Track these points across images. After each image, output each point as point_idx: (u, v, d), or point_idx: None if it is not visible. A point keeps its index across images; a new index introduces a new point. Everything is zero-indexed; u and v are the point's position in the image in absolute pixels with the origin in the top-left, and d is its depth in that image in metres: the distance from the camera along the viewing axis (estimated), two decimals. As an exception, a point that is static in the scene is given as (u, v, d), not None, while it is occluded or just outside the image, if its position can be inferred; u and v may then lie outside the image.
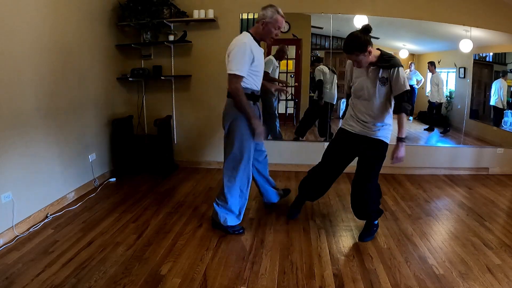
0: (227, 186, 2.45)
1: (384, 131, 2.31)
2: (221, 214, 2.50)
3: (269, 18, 2.27)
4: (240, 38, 2.29)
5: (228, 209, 2.49)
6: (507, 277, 2.02)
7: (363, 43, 2.06)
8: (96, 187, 3.49)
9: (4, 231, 2.40)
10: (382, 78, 2.18)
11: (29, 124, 2.62)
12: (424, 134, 4.49)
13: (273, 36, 2.34)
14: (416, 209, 3.04)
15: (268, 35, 2.33)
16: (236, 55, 2.21)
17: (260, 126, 2.34)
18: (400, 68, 2.13)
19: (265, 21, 2.28)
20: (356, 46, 2.07)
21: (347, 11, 3.81)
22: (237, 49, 2.22)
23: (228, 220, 2.50)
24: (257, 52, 2.33)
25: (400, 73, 2.13)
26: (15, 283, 1.93)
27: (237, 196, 2.48)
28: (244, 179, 2.47)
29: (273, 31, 2.32)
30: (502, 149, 4.11)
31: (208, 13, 3.76)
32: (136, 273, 2.04)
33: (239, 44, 2.24)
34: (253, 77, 2.35)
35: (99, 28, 3.53)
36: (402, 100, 2.15)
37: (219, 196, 2.51)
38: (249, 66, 2.26)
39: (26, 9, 2.56)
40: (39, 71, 2.71)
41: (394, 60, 2.14)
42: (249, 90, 2.36)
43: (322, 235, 2.54)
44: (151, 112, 4.18)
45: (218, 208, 2.51)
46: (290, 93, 4.38)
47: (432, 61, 4.24)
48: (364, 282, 1.98)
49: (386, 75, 2.17)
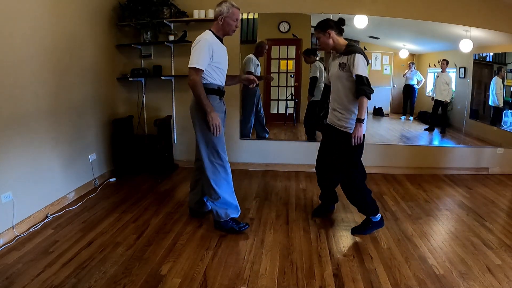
0: (213, 179, 2.47)
1: (351, 122, 2.36)
2: (221, 209, 2.50)
3: (226, 12, 2.37)
4: (202, 35, 2.36)
5: (224, 202, 2.50)
6: (507, 277, 2.02)
7: (324, 24, 2.37)
8: (96, 187, 3.49)
9: (4, 231, 2.40)
10: (342, 63, 2.34)
11: (29, 124, 2.62)
12: (424, 134, 4.50)
13: (233, 28, 2.45)
14: (416, 209, 3.04)
15: (229, 28, 2.43)
16: (196, 50, 2.31)
17: (216, 119, 2.35)
18: (357, 55, 2.24)
19: (222, 16, 2.38)
20: (319, 25, 2.39)
21: (347, 11, 3.81)
22: (198, 45, 2.32)
23: (230, 212, 2.52)
24: (218, 48, 2.41)
25: (356, 59, 2.23)
26: (15, 283, 1.93)
27: (225, 186, 2.51)
28: (227, 168, 2.52)
29: (232, 24, 2.42)
30: (502, 149, 4.11)
31: (208, 13, 3.76)
32: (136, 273, 2.04)
33: (199, 40, 2.33)
34: (217, 72, 2.43)
35: (99, 28, 3.53)
36: (360, 83, 2.23)
37: (209, 194, 2.52)
38: (209, 61, 2.34)
39: (27, 9, 2.56)
40: (39, 71, 2.71)
41: (354, 48, 2.30)
42: (215, 85, 2.44)
43: (322, 235, 2.54)
44: (151, 112, 4.18)
45: (214, 205, 2.51)
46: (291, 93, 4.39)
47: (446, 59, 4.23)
48: (364, 282, 1.98)
49: (344, 60, 2.32)
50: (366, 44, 4.34)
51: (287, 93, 4.41)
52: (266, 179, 3.82)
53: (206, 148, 2.46)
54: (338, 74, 2.36)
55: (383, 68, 4.45)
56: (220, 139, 2.48)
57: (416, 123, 4.59)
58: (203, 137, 2.45)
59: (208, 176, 2.47)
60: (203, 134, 2.45)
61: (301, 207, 3.06)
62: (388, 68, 4.45)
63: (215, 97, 2.44)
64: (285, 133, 4.39)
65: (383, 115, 4.66)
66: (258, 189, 3.49)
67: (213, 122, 2.35)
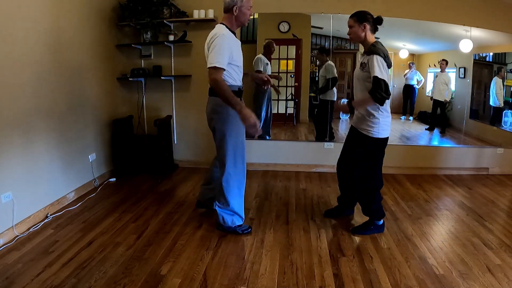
0: (226, 188, 2.43)
1: (372, 125, 2.31)
2: (227, 216, 2.49)
3: (240, 2, 2.22)
4: (217, 31, 2.22)
5: (232, 211, 2.49)
6: (507, 277, 2.02)
7: (363, 15, 2.31)
8: (96, 187, 3.49)
9: (4, 231, 2.40)
10: (363, 63, 2.29)
11: (29, 124, 2.62)
12: (425, 134, 4.50)
13: (248, 17, 2.31)
14: (416, 209, 3.04)
15: (245, 18, 2.28)
16: (214, 47, 2.16)
17: (251, 115, 2.15)
18: (376, 56, 2.17)
19: (237, 6, 2.22)
20: (357, 14, 2.33)
21: (347, 11, 3.77)
22: (216, 42, 2.16)
23: (235, 221, 2.51)
24: (236, 44, 2.30)
25: (375, 60, 2.16)
26: (15, 283, 1.93)
27: (237, 196, 2.48)
28: (241, 178, 2.47)
29: (247, 12, 2.28)
30: (502, 149, 4.11)
31: (208, 13, 3.76)
32: (136, 273, 2.04)
33: (216, 36, 2.18)
34: (236, 71, 2.31)
35: (99, 28, 3.53)
36: (377, 86, 2.14)
37: (219, 199, 2.49)
38: (229, 59, 2.21)
39: (26, 9, 2.56)
40: (39, 71, 2.71)
41: (374, 48, 2.23)
42: (236, 87, 2.32)
43: (322, 235, 2.54)
44: (151, 112, 4.18)
45: (221, 210, 2.49)
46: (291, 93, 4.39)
47: (445, 59, 4.23)
48: (364, 282, 1.98)
49: (365, 60, 2.26)
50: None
51: (287, 93, 4.41)
52: (266, 179, 3.82)
53: (226, 154, 2.35)
54: (359, 74, 2.31)
55: (383, 68, 4.44)
56: (243, 146, 2.39)
57: (416, 123, 4.59)
58: (230, 145, 2.33)
59: (222, 182, 2.42)
60: (226, 139, 2.32)
61: (301, 207, 3.05)
62: (388, 68, 4.45)
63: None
64: (285, 133, 4.39)
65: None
66: (258, 189, 3.49)
67: (249, 120, 2.14)
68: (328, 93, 4.11)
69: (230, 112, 2.25)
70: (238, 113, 2.17)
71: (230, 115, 2.27)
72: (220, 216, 2.50)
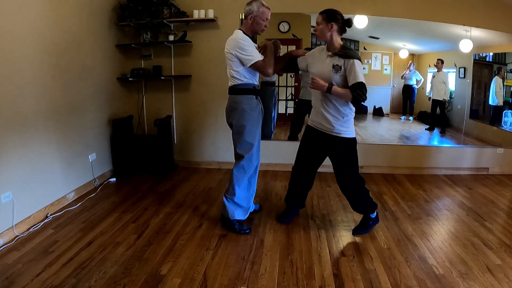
0: (236, 177, 2.50)
1: (343, 124, 2.31)
2: (230, 208, 2.53)
3: (256, 12, 2.36)
4: (235, 36, 2.37)
5: (236, 203, 2.53)
6: (507, 277, 2.02)
7: (332, 14, 2.22)
8: (96, 187, 3.49)
9: (4, 231, 2.40)
10: (336, 65, 2.22)
11: (29, 124, 2.62)
12: (425, 134, 4.49)
13: (263, 28, 2.42)
14: (416, 209, 3.04)
15: (259, 28, 2.41)
16: (246, 47, 2.32)
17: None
18: (356, 61, 2.16)
19: (252, 15, 2.37)
20: (327, 12, 2.23)
21: (347, 11, 3.79)
22: (243, 42, 2.32)
23: (236, 214, 2.54)
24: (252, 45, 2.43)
25: (356, 65, 2.15)
26: (15, 283, 1.93)
27: (245, 188, 2.54)
28: (253, 173, 2.56)
29: (262, 23, 2.40)
30: (502, 149, 4.11)
31: (208, 13, 3.76)
32: (136, 273, 2.04)
33: (238, 40, 2.33)
34: (253, 71, 2.45)
35: (99, 28, 3.53)
36: (359, 88, 2.14)
37: (227, 190, 2.55)
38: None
39: (27, 9, 2.56)
40: (39, 71, 2.71)
41: (351, 52, 2.20)
42: (251, 85, 2.45)
43: (322, 235, 2.54)
44: (151, 112, 4.18)
45: (227, 202, 2.54)
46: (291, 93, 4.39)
47: (441, 58, 4.23)
48: (364, 282, 1.98)
49: (340, 63, 2.21)
50: (366, 44, 4.33)
51: (287, 93, 4.41)
52: (266, 179, 3.82)
53: (242, 148, 2.48)
54: (330, 75, 2.24)
55: (383, 68, 4.44)
56: (259, 144, 2.54)
57: (416, 123, 4.58)
58: (246, 137, 2.46)
59: (234, 171, 2.51)
60: (243, 134, 2.45)
61: (301, 207, 3.05)
62: (388, 68, 4.45)
63: (252, 97, 2.45)
64: (285, 133, 4.38)
65: (383, 115, 4.66)
66: (258, 189, 3.48)
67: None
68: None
69: (245, 107, 2.43)
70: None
71: (246, 111, 2.43)
72: (225, 206, 2.54)
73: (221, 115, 4.12)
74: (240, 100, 2.44)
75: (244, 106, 2.42)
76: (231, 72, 2.42)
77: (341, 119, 2.30)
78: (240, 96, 2.44)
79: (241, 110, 2.43)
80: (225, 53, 2.41)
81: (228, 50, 2.37)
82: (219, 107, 4.09)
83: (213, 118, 4.13)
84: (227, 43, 2.40)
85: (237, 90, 2.44)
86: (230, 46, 2.36)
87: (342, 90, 2.21)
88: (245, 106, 2.43)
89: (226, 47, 2.39)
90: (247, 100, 2.43)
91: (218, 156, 4.21)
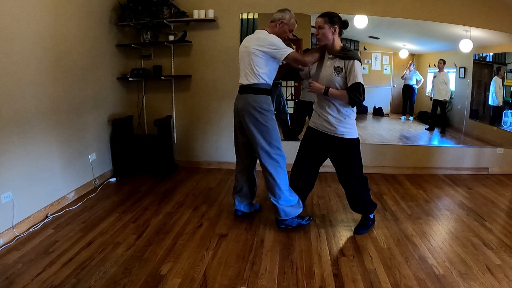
0: (276, 176, 2.47)
1: (345, 125, 2.32)
2: (283, 208, 2.50)
3: (287, 20, 2.43)
4: (265, 34, 2.39)
5: (286, 201, 2.50)
6: (507, 277, 2.02)
7: (335, 17, 2.24)
8: (96, 187, 3.49)
9: (4, 231, 2.40)
10: (338, 67, 2.24)
11: (29, 124, 2.62)
12: (425, 134, 4.49)
13: (285, 37, 2.48)
14: (416, 209, 3.04)
15: (282, 35, 2.45)
16: (278, 42, 2.34)
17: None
18: (356, 62, 2.18)
19: (283, 22, 2.42)
20: (329, 15, 2.24)
21: (347, 11, 3.81)
22: (274, 38, 2.36)
23: (291, 211, 2.52)
24: None
25: (355, 66, 2.17)
26: (15, 283, 1.93)
27: (286, 182, 2.52)
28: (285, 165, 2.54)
29: (287, 32, 2.47)
30: (502, 149, 4.11)
31: (208, 13, 3.76)
32: (136, 273, 2.04)
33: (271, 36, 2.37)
34: (274, 72, 2.48)
35: (99, 28, 3.53)
36: (356, 89, 2.17)
37: (272, 193, 2.51)
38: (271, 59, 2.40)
39: (27, 9, 2.56)
40: (39, 71, 2.71)
41: (351, 53, 2.23)
42: (269, 86, 2.47)
43: (322, 235, 2.54)
44: (151, 112, 4.18)
45: (278, 204, 2.50)
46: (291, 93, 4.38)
47: (443, 59, 4.22)
48: (364, 282, 1.98)
49: (341, 65, 2.23)
50: (366, 44, 4.33)
51: (287, 93, 4.40)
52: (266, 179, 3.81)
53: (268, 146, 2.46)
54: (332, 77, 2.26)
55: (383, 68, 4.44)
56: (278, 135, 2.54)
57: (416, 123, 4.58)
58: (273, 135, 2.47)
59: (272, 173, 2.48)
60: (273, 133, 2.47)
61: (301, 207, 3.05)
62: (388, 68, 4.45)
63: (268, 97, 2.46)
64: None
65: (383, 115, 4.66)
66: (258, 189, 3.47)
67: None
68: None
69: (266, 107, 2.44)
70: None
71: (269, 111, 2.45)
72: (280, 210, 2.50)
73: (221, 115, 4.14)
74: (260, 100, 2.42)
75: (265, 106, 2.42)
76: (253, 70, 2.38)
77: (343, 120, 2.31)
78: (259, 96, 2.42)
79: (263, 111, 2.42)
80: (242, 52, 2.42)
81: (256, 48, 2.34)
82: (219, 107, 4.10)
83: (213, 118, 4.13)
84: (250, 41, 2.39)
85: (257, 89, 2.41)
86: (259, 43, 2.35)
87: (339, 92, 2.23)
88: (265, 106, 2.43)
89: (251, 44, 2.37)
90: (266, 100, 2.44)
91: (218, 156, 4.21)
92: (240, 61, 2.49)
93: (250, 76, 2.41)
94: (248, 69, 2.40)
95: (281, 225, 2.57)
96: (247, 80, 2.42)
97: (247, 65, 2.40)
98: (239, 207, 2.77)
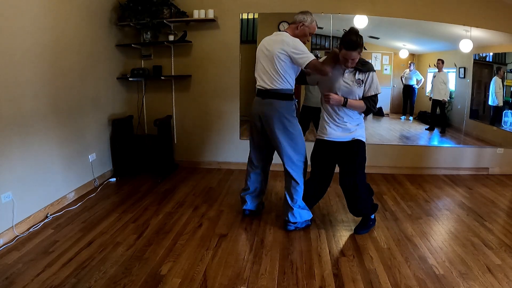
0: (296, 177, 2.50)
1: (360, 130, 2.45)
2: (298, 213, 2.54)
3: (308, 23, 2.42)
4: (289, 37, 2.36)
5: (301, 206, 2.55)
6: (507, 277, 2.02)
7: (362, 42, 2.21)
8: (96, 187, 3.49)
9: (4, 231, 2.40)
10: (359, 80, 2.33)
11: (29, 124, 2.62)
12: (425, 134, 4.49)
13: (306, 38, 2.47)
14: (416, 209, 3.04)
15: (302, 37, 2.43)
16: (301, 46, 2.32)
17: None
18: (374, 74, 2.34)
19: (305, 24, 2.41)
20: (362, 44, 2.21)
21: (347, 11, 3.81)
22: (298, 43, 2.33)
23: (304, 215, 2.56)
24: None
25: (375, 78, 2.34)
26: (15, 283, 1.93)
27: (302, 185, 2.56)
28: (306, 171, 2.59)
29: (307, 35, 2.46)
30: (502, 149, 4.11)
31: (208, 13, 3.76)
32: (136, 273, 2.04)
33: (295, 39, 2.34)
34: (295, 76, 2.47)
35: (99, 28, 3.53)
36: (373, 101, 2.38)
37: (291, 195, 2.53)
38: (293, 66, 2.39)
39: (27, 9, 2.56)
40: (39, 71, 2.71)
41: (370, 65, 2.34)
42: (291, 91, 2.45)
43: (322, 235, 2.54)
44: (151, 112, 4.18)
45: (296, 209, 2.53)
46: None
47: (442, 59, 4.23)
48: (364, 282, 1.98)
49: (362, 77, 2.33)
50: (366, 44, 4.28)
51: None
52: (266, 179, 3.81)
53: (294, 152, 2.49)
54: (353, 89, 2.32)
55: (383, 68, 4.44)
56: (303, 141, 2.56)
57: (416, 123, 4.58)
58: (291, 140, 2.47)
59: (296, 179, 2.51)
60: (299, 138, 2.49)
61: (301, 207, 3.05)
62: (388, 68, 4.45)
63: (293, 103, 2.46)
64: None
65: (383, 115, 4.65)
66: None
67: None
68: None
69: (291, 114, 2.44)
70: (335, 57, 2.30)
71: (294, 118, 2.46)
72: (296, 213, 2.53)
73: (221, 115, 4.14)
74: (287, 106, 2.41)
75: (292, 112, 2.43)
76: (279, 75, 2.34)
77: (360, 124, 2.45)
78: (286, 102, 2.40)
79: (291, 117, 2.43)
80: (264, 55, 2.38)
81: (280, 52, 2.31)
82: (219, 107, 4.10)
83: (213, 118, 4.13)
84: (273, 44, 2.35)
85: (283, 95, 2.39)
86: (283, 46, 2.31)
87: (357, 102, 2.36)
88: (292, 112, 2.43)
89: (276, 48, 2.32)
90: (291, 106, 2.42)
91: (218, 156, 4.21)
92: (258, 64, 2.45)
93: (275, 81, 2.36)
94: (272, 73, 2.35)
95: (291, 227, 2.57)
96: (272, 85, 2.37)
97: (271, 69, 2.35)
98: (250, 207, 2.79)
